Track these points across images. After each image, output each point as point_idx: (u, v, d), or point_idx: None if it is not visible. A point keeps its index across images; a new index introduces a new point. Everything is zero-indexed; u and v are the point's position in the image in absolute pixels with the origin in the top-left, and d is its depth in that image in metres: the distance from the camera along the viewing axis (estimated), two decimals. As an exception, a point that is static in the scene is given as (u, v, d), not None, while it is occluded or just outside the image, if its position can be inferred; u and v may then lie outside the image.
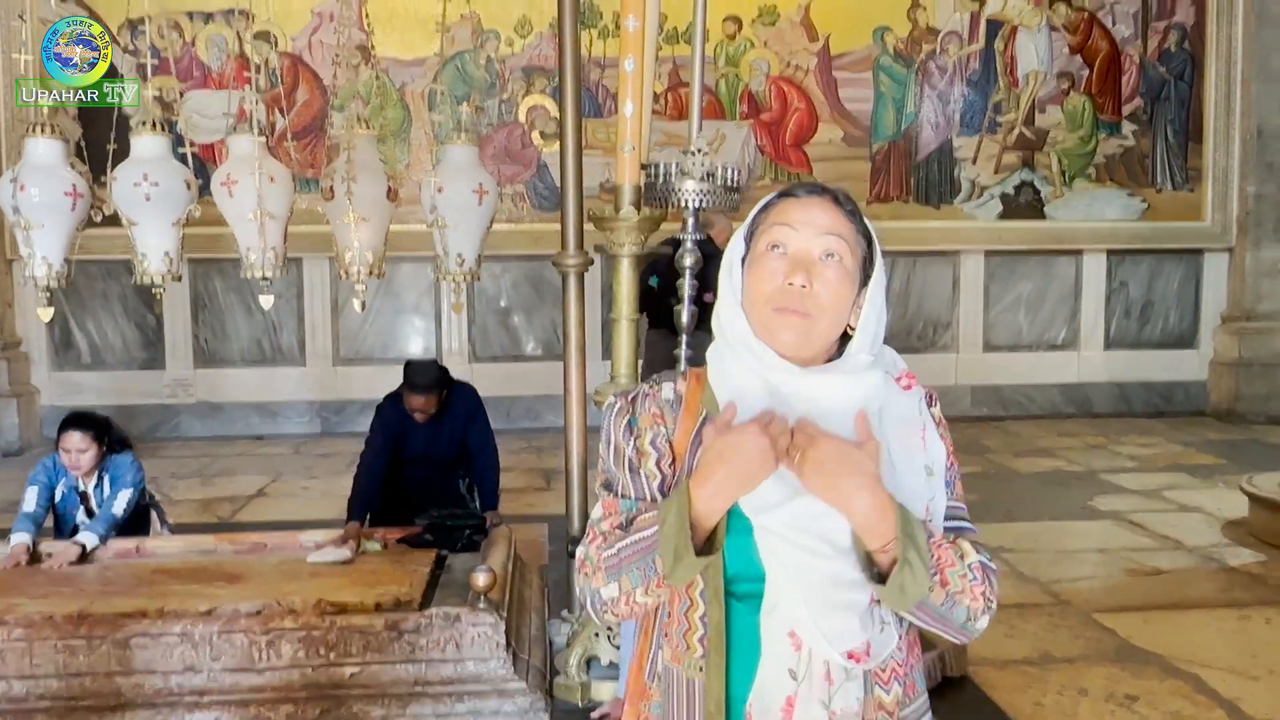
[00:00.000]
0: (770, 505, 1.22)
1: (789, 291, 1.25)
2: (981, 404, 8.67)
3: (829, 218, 1.28)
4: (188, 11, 7.78)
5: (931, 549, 1.21)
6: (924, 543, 1.20)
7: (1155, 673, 3.52)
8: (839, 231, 1.28)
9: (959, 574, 1.22)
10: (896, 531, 1.18)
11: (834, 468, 1.17)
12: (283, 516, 5.57)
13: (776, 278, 1.26)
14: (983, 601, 1.24)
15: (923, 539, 1.20)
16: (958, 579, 1.22)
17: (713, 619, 1.27)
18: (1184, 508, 5.72)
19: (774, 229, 1.29)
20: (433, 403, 4.18)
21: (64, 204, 3.26)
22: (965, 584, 1.23)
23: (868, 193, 8.37)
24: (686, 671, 1.29)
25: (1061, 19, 8.58)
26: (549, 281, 7.56)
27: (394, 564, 3.61)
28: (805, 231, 1.27)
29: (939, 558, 1.21)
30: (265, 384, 8.17)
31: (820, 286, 1.26)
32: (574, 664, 3.26)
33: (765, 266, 1.28)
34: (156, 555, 3.78)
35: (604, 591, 1.26)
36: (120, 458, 4.02)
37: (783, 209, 1.30)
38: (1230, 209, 8.69)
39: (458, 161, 3.60)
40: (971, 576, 1.23)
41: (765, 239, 1.29)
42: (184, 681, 3.00)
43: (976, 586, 1.24)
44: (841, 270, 1.27)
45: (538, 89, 8.16)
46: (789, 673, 1.23)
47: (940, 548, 1.23)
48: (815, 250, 1.27)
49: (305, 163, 7.63)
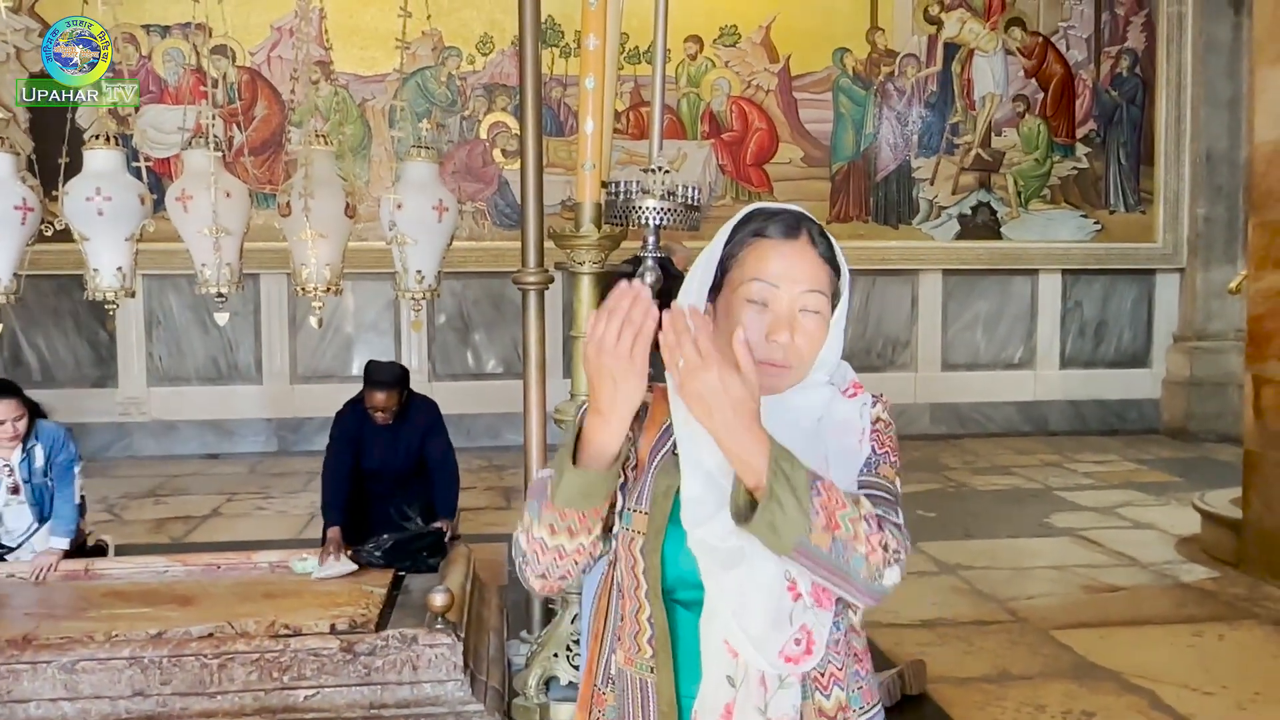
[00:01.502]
0: (703, 519, 1.21)
1: (771, 348, 1.26)
2: (940, 422, 8.74)
3: (809, 269, 1.28)
4: (144, 25, 7.69)
5: (819, 489, 1.13)
6: (802, 481, 1.12)
7: (1112, 689, 3.55)
8: (818, 285, 1.28)
9: (849, 517, 1.15)
10: (768, 464, 1.12)
11: (712, 399, 1.12)
12: (237, 536, 5.48)
13: (756, 331, 1.25)
14: (882, 553, 1.17)
15: (801, 477, 1.13)
16: (848, 523, 1.14)
17: (657, 620, 1.29)
18: (1138, 525, 5.80)
19: (753, 285, 1.27)
20: (394, 400, 4.15)
21: (14, 218, 3.20)
22: (858, 529, 1.15)
23: (828, 212, 8.44)
24: (638, 673, 1.32)
25: (1017, 43, 8.73)
26: (509, 299, 7.54)
27: (350, 584, 3.56)
28: (786, 288, 1.27)
29: (826, 498, 1.14)
30: (221, 402, 8.06)
31: (801, 339, 1.27)
32: (533, 685, 3.23)
33: (744, 317, 1.27)
34: (106, 577, 3.70)
35: (521, 541, 1.29)
36: (46, 425, 3.87)
37: (761, 256, 1.28)
38: (1181, 230, 8.86)
39: (418, 178, 3.58)
40: (868, 526, 1.16)
41: (743, 290, 1.28)
42: (133, 706, 2.93)
43: (874, 537, 1.16)
44: (819, 320, 1.29)
45: (499, 106, 8.16)
46: (728, 679, 1.24)
47: (830, 490, 1.15)
48: (796, 306, 1.27)
49: (263, 178, 7.56)
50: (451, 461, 4.33)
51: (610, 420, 1.19)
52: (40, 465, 3.82)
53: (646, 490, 1.31)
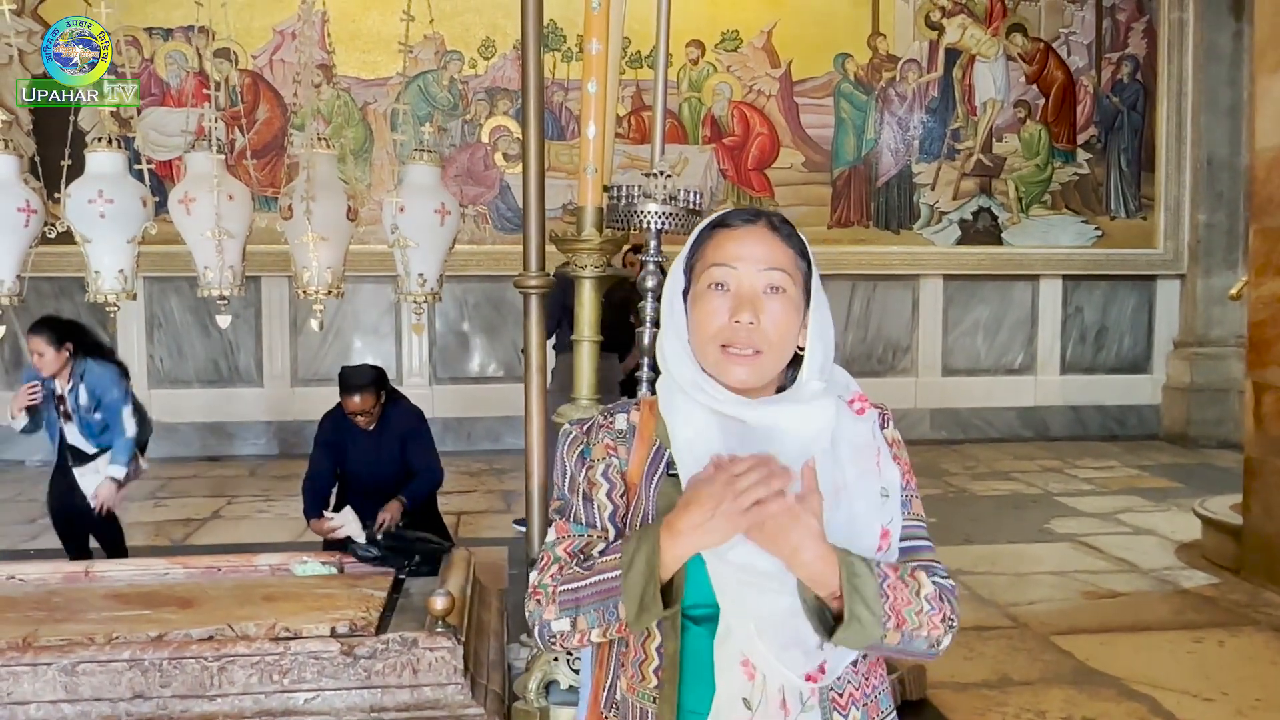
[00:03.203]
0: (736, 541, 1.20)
1: (736, 329, 1.25)
2: (940, 427, 8.75)
3: (767, 249, 1.27)
4: (147, 27, 7.70)
5: (886, 592, 1.19)
6: (873, 593, 1.18)
7: (1112, 695, 3.55)
8: (779, 264, 1.27)
9: (915, 610, 1.22)
10: (842, 585, 1.17)
11: (776, 524, 1.16)
12: (238, 539, 5.49)
13: (721, 315, 1.26)
14: (943, 627, 1.24)
15: (871, 589, 1.18)
16: (914, 616, 1.21)
17: (668, 651, 1.27)
18: (1138, 530, 5.79)
19: (713, 269, 1.27)
20: (370, 402, 4.15)
21: (17, 220, 3.20)
22: (923, 619, 1.22)
23: (829, 217, 8.45)
24: (639, 701, 1.29)
25: (1018, 49, 8.74)
26: (510, 303, 7.54)
27: (349, 588, 3.56)
28: (745, 268, 1.26)
29: (894, 600, 1.20)
30: (222, 405, 8.06)
31: (767, 321, 1.25)
32: (533, 689, 3.23)
33: (709, 305, 1.27)
34: (106, 579, 3.70)
35: (554, 624, 1.25)
36: (98, 367, 4.05)
37: (719, 244, 1.29)
38: (1182, 237, 8.86)
39: (420, 181, 3.58)
40: (929, 608, 1.23)
41: (705, 277, 1.28)
42: (132, 709, 2.92)
43: (935, 615, 1.23)
44: (786, 301, 1.27)
45: (501, 110, 8.17)
46: (743, 702, 1.22)
47: (895, 589, 1.21)
48: (758, 285, 1.26)
49: (265, 181, 7.57)
50: (435, 470, 4.30)
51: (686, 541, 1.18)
52: (85, 402, 3.97)
53: (650, 516, 1.29)
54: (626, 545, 1.22)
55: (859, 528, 1.25)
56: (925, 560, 1.30)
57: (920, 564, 1.28)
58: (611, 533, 1.31)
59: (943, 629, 1.24)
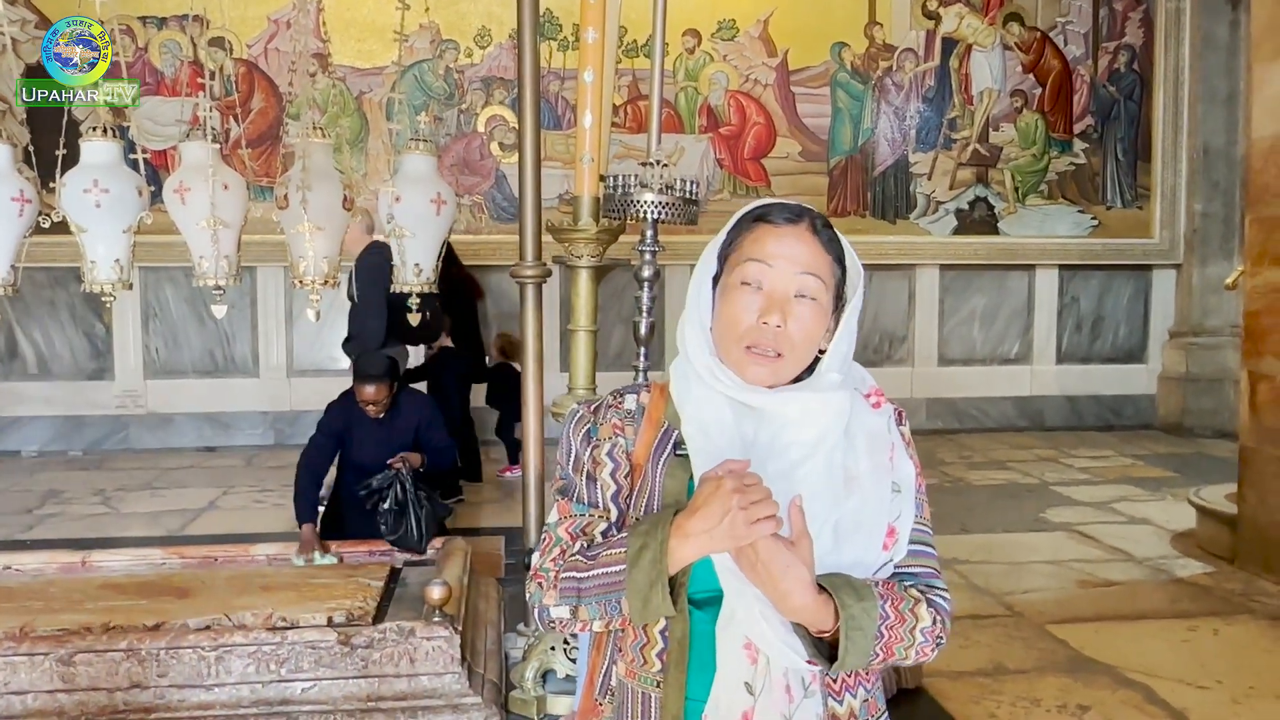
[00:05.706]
0: None
1: (763, 330, 1.24)
2: (936, 417, 8.75)
3: (806, 252, 1.26)
4: (141, 16, 7.67)
5: (882, 632, 1.20)
6: (867, 643, 1.19)
7: (1107, 683, 3.56)
8: (815, 269, 1.26)
9: (906, 645, 1.23)
10: (839, 635, 1.19)
11: (767, 569, 1.16)
12: (234, 529, 5.48)
13: (750, 314, 1.25)
14: (932, 645, 1.26)
15: (866, 640, 1.19)
16: (904, 650, 1.23)
17: (675, 634, 1.26)
18: (1133, 520, 5.81)
19: (749, 264, 1.26)
20: (383, 392, 4.18)
21: (11, 210, 3.18)
22: (912, 651, 1.24)
23: (825, 207, 8.43)
24: (641, 686, 1.28)
25: (1015, 38, 8.72)
26: (507, 293, 7.53)
27: (347, 577, 3.56)
28: (781, 268, 1.25)
29: (888, 639, 1.21)
30: (217, 395, 8.05)
31: (794, 326, 1.25)
32: (530, 678, 3.24)
33: (738, 301, 1.26)
34: (103, 569, 3.71)
35: (554, 610, 1.25)
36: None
37: (758, 238, 1.27)
38: (1178, 226, 8.87)
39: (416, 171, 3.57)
40: (921, 640, 1.24)
41: (739, 271, 1.27)
42: (130, 698, 2.93)
43: (926, 646, 1.25)
44: (816, 309, 1.27)
45: (497, 100, 8.14)
46: (745, 686, 1.21)
47: (892, 629, 1.21)
48: (790, 289, 1.25)
49: (260, 171, 7.55)
50: (452, 454, 4.35)
51: (696, 544, 1.18)
52: None
53: (656, 496, 1.28)
54: (632, 539, 1.21)
55: (867, 520, 1.25)
56: (927, 568, 1.31)
57: (924, 587, 1.29)
58: (614, 513, 1.31)
59: (932, 652, 1.26)
